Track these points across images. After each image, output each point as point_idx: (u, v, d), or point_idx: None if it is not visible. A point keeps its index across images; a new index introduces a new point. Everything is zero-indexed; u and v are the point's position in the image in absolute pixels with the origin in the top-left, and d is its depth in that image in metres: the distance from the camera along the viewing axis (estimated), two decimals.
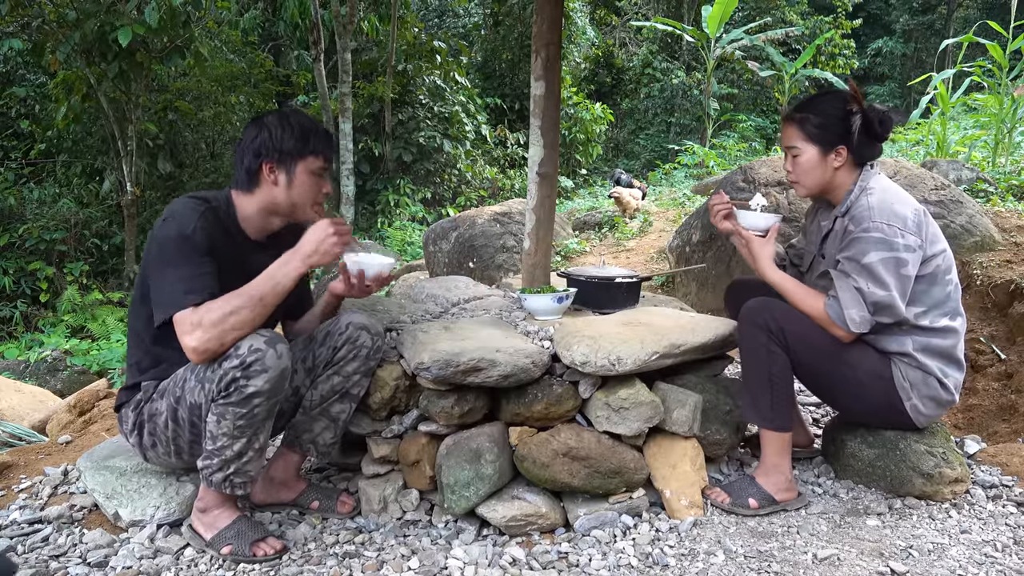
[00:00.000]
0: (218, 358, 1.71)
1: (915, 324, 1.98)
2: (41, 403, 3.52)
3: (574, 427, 2.02)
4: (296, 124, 1.87)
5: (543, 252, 2.70)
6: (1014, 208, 3.99)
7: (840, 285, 1.96)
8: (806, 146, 2.04)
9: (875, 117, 1.98)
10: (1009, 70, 5.73)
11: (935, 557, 1.80)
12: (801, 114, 2.05)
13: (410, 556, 1.85)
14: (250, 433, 1.76)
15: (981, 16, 17.62)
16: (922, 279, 1.97)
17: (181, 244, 1.73)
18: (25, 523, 2.02)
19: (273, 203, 1.90)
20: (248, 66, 11.50)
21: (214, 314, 1.68)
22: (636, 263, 5.04)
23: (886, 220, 1.91)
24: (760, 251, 2.12)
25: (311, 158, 1.88)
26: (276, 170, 1.86)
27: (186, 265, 1.72)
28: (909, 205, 1.97)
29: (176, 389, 1.81)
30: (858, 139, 1.99)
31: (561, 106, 7.05)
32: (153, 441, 1.89)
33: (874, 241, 1.91)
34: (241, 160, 1.88)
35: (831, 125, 2.01)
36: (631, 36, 19.17)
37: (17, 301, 8.14)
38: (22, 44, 8.35)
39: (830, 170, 2.04)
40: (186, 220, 1.76)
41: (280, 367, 1.72)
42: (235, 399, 1.71)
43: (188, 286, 1.70)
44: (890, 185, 2.03)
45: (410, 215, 11.27)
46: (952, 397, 2.05)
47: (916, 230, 1.93)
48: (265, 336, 1.73)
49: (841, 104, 2.01)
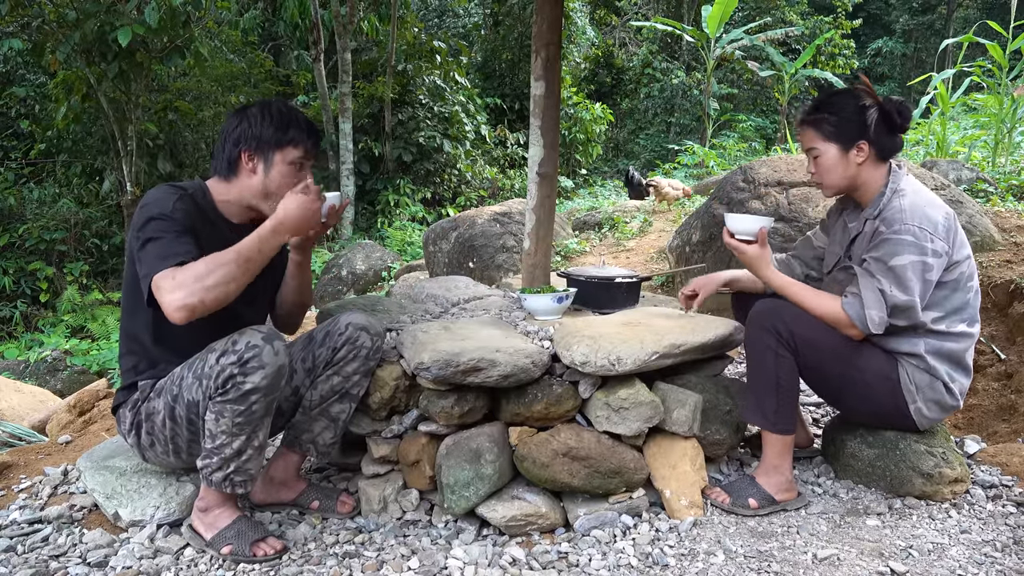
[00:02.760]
0: (198, 316, 1.64)
1: (931, 328, 1.96)
2: (41, 403, 3.52)
3: (574, 427, 2.02)
4: (276, 113, 1.87)
5: (543, 252, 2.70)
6: (1014, 208, 3.99)
7: (864, 284, 1.93)
8: (825, 146, 2.01)
9: (892, 108, 1.96)
10: (1009, 70, 5.74)
11: (935, 557, 1.80)
12: (816, 115, 2.02)
13: (410, 556, 1.85)
14: (249, 431, 1.76)
15: (981, 16, 17.63)
16: (945, 285, 1.95)
17: (159, 222, 1.71)
18: (25, 523, 2.02)
19: (250, 192, 1.89)
20: (248, 66, 11.51)
21: (197, 269, 1.63)
22: (636, 263, 5.05)
23: (918, 223, 1.88)
24: (756, 260, 2.07)
25: (289, 148, 1.87)
26: (255, 158, 1.86)
27: (164, 237, 1.69)
28: (940, 209, 1.94)
29: (173, 387, 1.80)
30: (877, 132, 1.96)
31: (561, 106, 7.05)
32: (151, 440, 1.89)
33: (905, 244, 1.88)
34: (222, 147, 1.88)
35: (847, 121, 1.98)
36: (631, 36, 19.18)
37: (17, 301, 8.14)
38: (22, 44, 8.35)
39: (853, 167, 2.01)
40: (163, 201, 1.75)
41: (277, 363, 1.72)
42: (232, 396, 1.71)
43: (166, 251, 1.67)
44: (921, 187, 1.99)
45: (410, 215, 11.28)
46: (956, 402, 2.03)
47: (945, 236, 1.91)
48: (262, 333, 1.73)
49: (854, 99, 1.99)
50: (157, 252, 1.67)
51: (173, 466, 2.01)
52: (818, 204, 3.72)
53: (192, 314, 1.62)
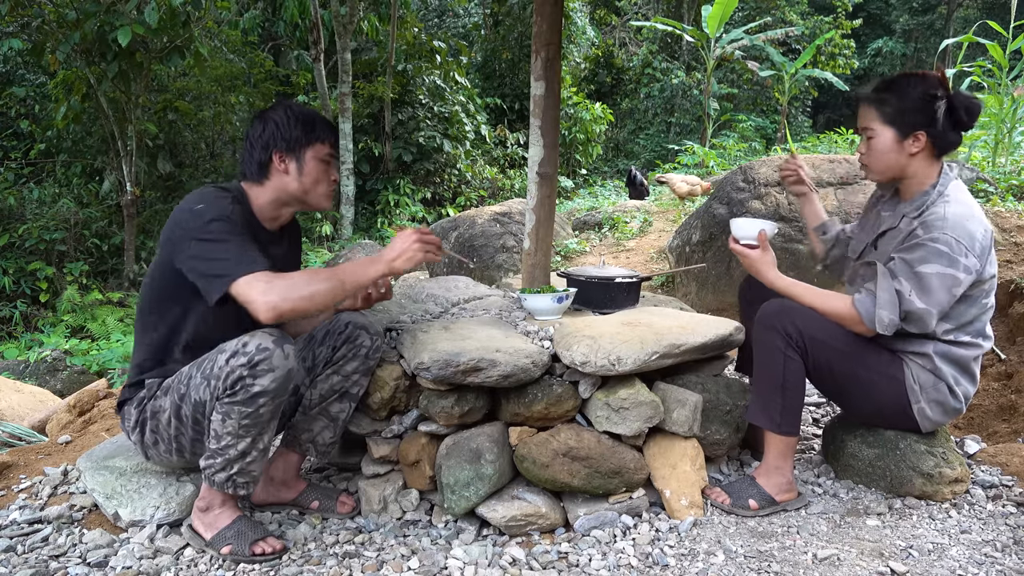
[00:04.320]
0: (285, 320, 1.74)
1: (940, 338, 1.95)
2: (41, 403, 3.52)
3: (574, 427, 2.02)
4: (300, 114, 1.93)
5: (543, 252, 2.70)
6: (1014, 208, 3.99)
7: (882, 284, 1.89)
8: (882, 128, 1.94)
9: (961, 104, 1.89)
10: (1009, 70, 5.74)
11: (935, 557, 1.80)
12: (879, 95, 1.94)
13: (410, 556, 1.85)
14: (255, 433, 1.77)
15: (981, 16, 17.64)
16: (963, 300, 1.91)
17: (223, 224, 1.76)
18: (25, 523, 2.02)
19: (285, 191, 1.93)
20: (248, 66, 11.50)
21: (295, 279, 1.72)
22: (636, 263, 5.05)
23: (956, 236, 1.83)
24: (759, 263, 2.06)
25: (318, 145, 1.93)
26: (286, 159, 1.91)
27: (234, 241, 1.75)
28: (980, 225, 1.88)
29: (181, 386, 1.81)
30: (939, 125, 1.90)
31: (561, 106, 7.04)
32: (155, 439, 1.89)
33: (938, 253, 1.83)
34: (251, 153, 1.92)
35: (911, 108, 1.90)
36: (631, 36, 19.17)
37: (17, 301, 8.13)
38: (22, 44, 8.35)
39: (905, 156, 1.94)
40: (221, 204, 1.80)
41: (287, 367, 1.74)
42: (241, 398, 1.71)
43: (242, 255, 1.73)
44: (966, 197, 1.94)
45: (410, 215, 11.28)
46: (960, 406, 2.02)
47: (980, 253, 1.86)
48: (273, 336, 1.74)
49: (924, 87, 1.90)
50: (233, 255, 1.72)
51: (175, 465, 2.01)
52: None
53: (281, 317, 1.70)
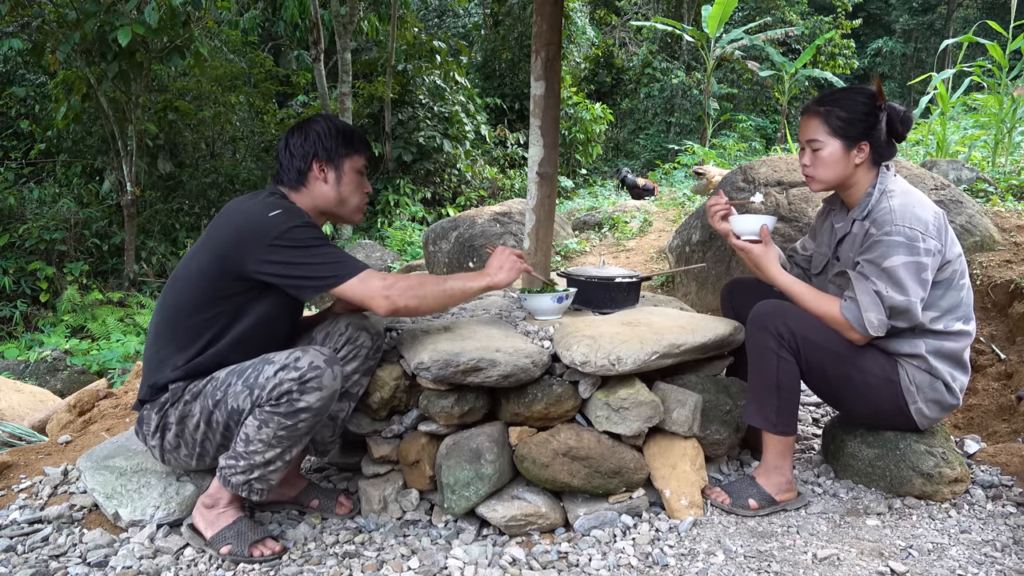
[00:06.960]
0: (399, 316, 1.90)
1: (929, 328, 1.96)
2: (41, 403, 3.52)
3: (574, 427, 2.02)
4: (340, 127, 2.00)
5: (543, 252, 2.70)
6: (1014, 208, 3.99)
7: (859, 288, 1.92)
8: (829, 139, 1.99)
9: (897, 116, 1.96)
10: (1009, 70, 5.74)
11: (935, 557, 1.80)
12: (827, 106, 2.00)
13: (410, 556, 1.86)
14: (287, 445, 1.79)
15: (981, 16, 17.64)
16: (938, 284, 1.95)
17: (309, 229, 1.82)
18: (25, 523, 2.02)
19: (323, 199, 1.98)
20: (248, 66, 11.50)
21: (411, 280, 1.85)
22: (636, 263, 5.05)
23: (908, 224, 1.88)
24: (762, 259, 2.08)
25: (356, 156, 2.01)
26: (326, 168, 1.96)
27: (326, 245, 1.82)
28: (929, 209, 1.94)
29: (217, 392, 1.80)
30: (881, 136, 1.96)
31: (561, 106, 7.05)
32: (178, 443, 1.87)
33: (896, 245, 1.88)
34: (290, 161, 1.97)
35: (857, 120, 1.96)
36: (631, 36, 19.17)
37: (17, 301, 8.13)
38: (22, 44, 8.34)
39: (851, 165, 2.00)
40: (298, 211, 1.87)
41: (333, 388, 1.78)
42: (284, 410, 1.74)
43: (349, 257, 1.82)
44: (909, 188, 1.99)
45: (410, 215, 11.27)
46: (956, 401, 2.03)
47: (936, 234, 1.91)
48: (325, 355, 1.78)
49: (868, 99, 1.97)
50: (337, 257, 1.81)
51: (189, 469, 2.00)
52: (818, 204, 3.71)
53: (396, 313, 1.82)
